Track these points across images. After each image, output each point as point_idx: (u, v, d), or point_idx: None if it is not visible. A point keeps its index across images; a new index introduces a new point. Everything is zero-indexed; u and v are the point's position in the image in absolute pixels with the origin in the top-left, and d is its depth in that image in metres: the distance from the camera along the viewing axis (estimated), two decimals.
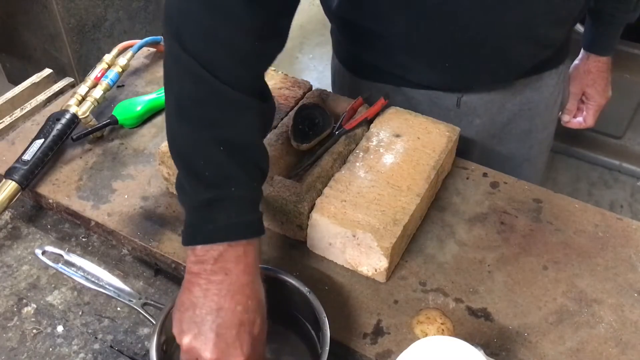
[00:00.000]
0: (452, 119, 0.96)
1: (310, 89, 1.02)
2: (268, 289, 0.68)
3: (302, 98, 1.00)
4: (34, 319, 0.79)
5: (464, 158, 0.99)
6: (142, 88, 1.11)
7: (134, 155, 0.98)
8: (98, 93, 0.99)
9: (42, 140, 0.92)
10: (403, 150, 0.89)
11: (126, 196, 0.91)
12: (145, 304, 0.73)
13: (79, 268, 0.77)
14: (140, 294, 0.75)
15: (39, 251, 0.77)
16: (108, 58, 1.05)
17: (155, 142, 1.00)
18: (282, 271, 0.74)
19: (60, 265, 0.76)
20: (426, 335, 0.71)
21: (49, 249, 0.78)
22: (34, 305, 0.80)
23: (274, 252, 0.84)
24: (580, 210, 0.91)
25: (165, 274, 0.85)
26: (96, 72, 1.03)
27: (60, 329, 0.78)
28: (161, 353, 0.68)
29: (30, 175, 0.89)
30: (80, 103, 0.98)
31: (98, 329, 0.78)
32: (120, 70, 1.04)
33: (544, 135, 1.14)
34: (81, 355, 0.75)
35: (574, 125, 1.17)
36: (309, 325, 0.75)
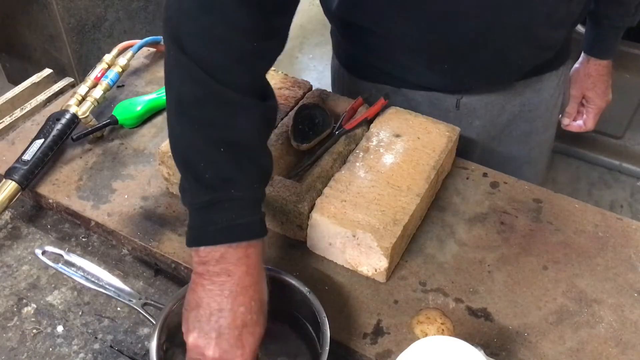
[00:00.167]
0: (452, 121, 0.96)
1: (310, 89, 1.02)
2: (268, 289, 0.68)
3: (302, 98, 1.00)
4: (34, 319, 0.79)
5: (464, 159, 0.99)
6: (142, 88, 1.11)
7: (134, 155, 0.98)
8: (98, 93, 0.99)
9: (42, 140, 0.92)
10: (403, 150, 0.89)
11: (126, 196, 0.91)
12: (145, 304, 0.73)
13: (79, 268, 0.77)
14: (140, 294, 0.75)
15: (39, 251, 0.77)
16: (108, 58, 1.05)
17: (155, 142, 1.00)
18: (282, 271, 0.74)
19: (60, 265, 0.76)
20: (426, 335, 0.71)
21: (49, 249, 0.78)
22: (34, 305, 0.80)
23: (274, 252, 0.84)
24: (580, 210, 0.91)
25: (165, 274, 0.85)
26: (96, 72, 1.03)
27: (60, 329, 0.78)
28: (161, 353, 0.68)
29: (30, 175, 0.89)
30: (80, 103, 0.98)
31: (98, 329, 0.78)
32: (120, 70, 1.04)
33: (544, 137, 1.14)
34: (81, 355, 0.75)
35: (573, 128, 1.17)
36: (309, 325, 0.75)
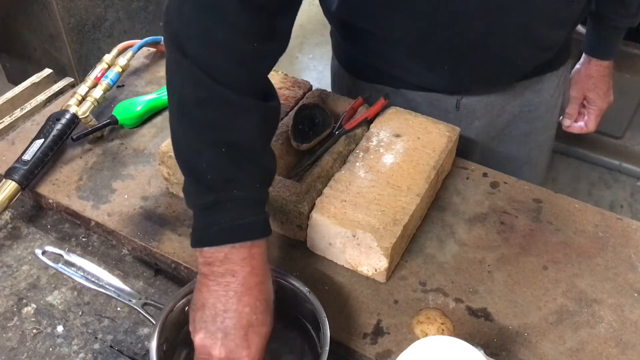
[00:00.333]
0: (452, 121, 0.96)
1: (310, 89, 1.02)
2: None
3: (302, 98, 1.00)
4: (34, 319, 0.79)
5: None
6: (142, 88, 1.11)
7: (134, 155, 0.98)
8: (98, 93, 0.99)
9: (42, 140, 0.92)
10: (403, 150, 0.89)
11: (126, 196, 0.91)
12: (145, 304, 0.73)
13: (79, 268, 0.77)
14: (140, 294, 0.74)
15: (39, 251, 0.77)
16: (108, 58, 1.05)
17: (155, 142, 1.00)
18: (282, 271, 0.74)
19: (60, 265, 0.76)
20: (426, 335, 0.71)
21: (49, 249, 0.78)
22: (34, 305, 0.80)
23: (274, 252, 0.84)
24: (580, 210, 0.91)
25: (165, 274, 0.85)
26: (96, 72, 1.03)
27: (60, 329, 0.77)
28: (161, 353, 0.68)
29: (30, 175, 0.89)
30: (80, 103, 0.98)
31: (98, 329, 0.78)
32: (120, 70, 1.04)
33: (544, 137, 1.14)
34: (81, 355, 0.75)
35: (575, 129, 1.17)
36: (309, 325, 0.75)
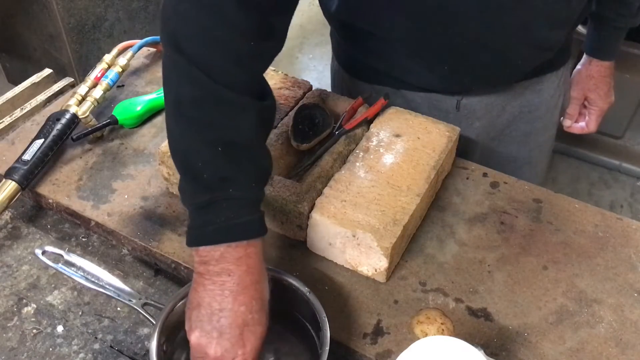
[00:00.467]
0: (452, 122, 0.96)
1: (310, 89, 1.02)
2: (269, 288, 0.68)
3: (302, 98, 1.00)
4: (34, 319, 0.79)
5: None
6: (142, 88, 1.11)
7: (134, 155, 0.98)
8: (98, 93, 0.99)
9: (42, 140, 0.92)
10: (403, 150, 0.89)
11: (126, 196, 0.91)
12: (145, 304, 0.73)
13: (79, 268, 0.77)
14: (140, 294, 0.74)
15: (39, 251, 0.77)
16: (108, 58, 1.05)
17: (155, 142, 1.00)
18: (282, 271, 0.74)
19: (60, 265, 0.76)
20: (426, 335, 0.71)
21: (49, 249, 0.78)
22: (34, 305, 0.80)
23: (274, 252, 0.84)
24: (580, 210, 0.91)
25: (165, 274, 0.84)
26: (96, 72, 1.03)
27: (60, 329, 0.77)
28: (161, 353, 0.68)
29: (30, 175, 0.89)
30: (80, 103, 0.98)
31: (98, 329, 0.77)
32: (120, 70, 1.04)
33: (544, 137, 1.13)
34: (81, 355, 0.75)
35: (576, 130, 1.16)
36: (309, 325, 0.75)
